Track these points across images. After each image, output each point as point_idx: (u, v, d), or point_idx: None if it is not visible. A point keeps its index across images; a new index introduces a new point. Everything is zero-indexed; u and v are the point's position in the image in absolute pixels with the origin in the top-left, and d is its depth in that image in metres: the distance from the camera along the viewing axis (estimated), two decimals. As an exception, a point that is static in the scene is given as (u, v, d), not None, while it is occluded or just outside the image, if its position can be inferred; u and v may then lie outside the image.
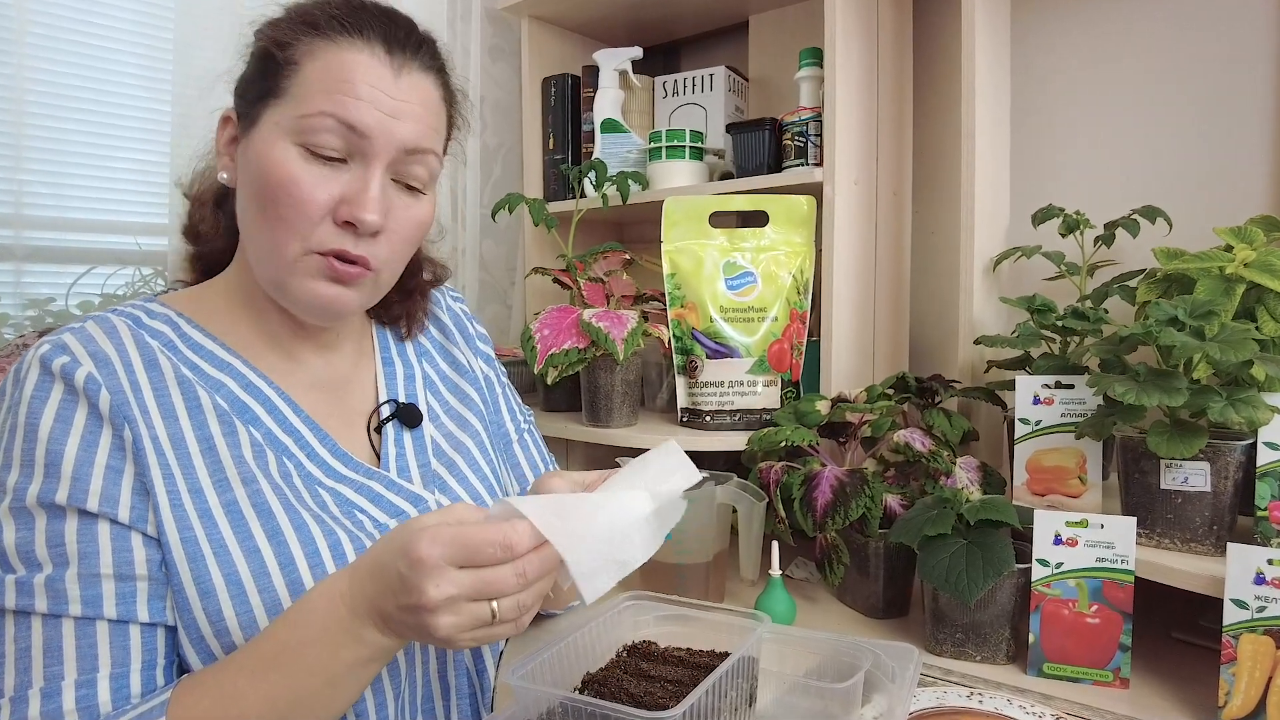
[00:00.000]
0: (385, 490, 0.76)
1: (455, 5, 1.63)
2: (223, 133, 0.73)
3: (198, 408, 0.68)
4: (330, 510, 0.71)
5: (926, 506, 1.01)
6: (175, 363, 0.69)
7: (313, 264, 0.69)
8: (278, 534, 0.66)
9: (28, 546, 0.60)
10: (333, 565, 0.67)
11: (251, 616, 0.64)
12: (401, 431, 0.81)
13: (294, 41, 0.68)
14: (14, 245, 1.16)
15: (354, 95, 0.66)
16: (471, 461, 0.84)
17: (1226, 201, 1.17)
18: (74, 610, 0.60)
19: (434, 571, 0.54)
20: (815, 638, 0.83)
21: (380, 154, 0.68)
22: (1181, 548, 0.89)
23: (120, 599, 0.61)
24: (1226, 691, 0.79)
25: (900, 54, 1.41)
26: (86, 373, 0.63)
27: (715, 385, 1.28)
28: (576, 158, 1.64)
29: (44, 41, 1.18)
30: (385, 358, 0.85)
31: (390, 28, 0.70)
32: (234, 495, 0.66)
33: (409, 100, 0.70)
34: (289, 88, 0.67)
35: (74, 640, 0.60)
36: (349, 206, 0.67)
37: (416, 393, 0.85)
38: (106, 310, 0.71)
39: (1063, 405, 1.02)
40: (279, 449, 0.71)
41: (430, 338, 0.90)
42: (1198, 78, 1.19)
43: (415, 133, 0.70)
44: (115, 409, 0.63)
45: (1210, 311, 0.89)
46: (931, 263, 1.46)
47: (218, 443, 0.67)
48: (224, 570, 0.64)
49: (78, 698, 0.59)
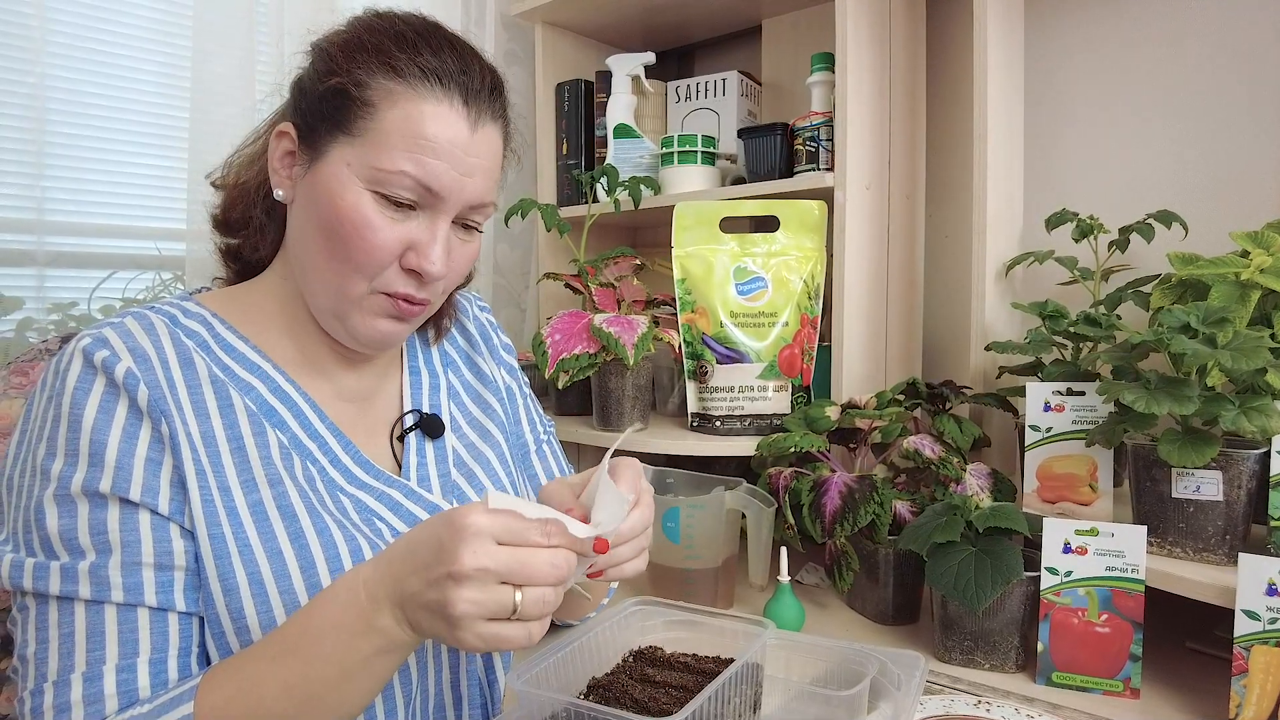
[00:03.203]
0: (404, 499, 0.76)
1: (470, 11, 1.65)
2: (278, 144, 0.72)
3: (229, 408, 0.69)
4: (350, 516, 0.72)
5: (936, 513, 1.00)
6: (209, 362, 0.70)
7: (378, 303, 0.71)
8: (300, 536, 0.67)
9: (71, 534, 0.62)
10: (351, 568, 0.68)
11: (271, 616, 0.65)
12: (424, 441, 0.82)
13: (371, 83, 0.68)
14: (36, 250, 1.18)
15: (433, 155, 0.67)
16: (491, 472, 0.85)
17: (1243, 206, 1.15)
18: (116, 597, 0.61)
19: (475, 539, 0.54)
20: (822, 644, 0.83)
21: (449, 210, 0.70)
22: (1193, 557, 0.88)
23: (160, 588, 0.63)
24: (1237, 704, 0.78)
25: (913, 58, 1.41)
26: (126, 368, 0.64)
27: (725, 390, 1.28)
28: (590, 163, 1.64)
29: (65, 52, 1.20)
30: (413, 367, 0.86)
31: (468, 78, 0.70)
32: (260, 496, 0.67)
33: (481, 157, 0.71)
34: (365, 130, 0.68)
35: (116, 626, 0.61)
36: (416, 256, 0.70)
37: (440, 403, 0.85)
38: (144, 307, 0.72)
39: (1074, 412, 1.01)
40: (304, 454, 0.72)
41: (456, 347, 0.91)
42: (1214, 81, 1.18)
43: (482, 189, 0.72)
44: (153, 404, 0.64)
45: (1223, 318, 0.88)
46: (945, 267, 1.45)
47: (247, 443, 0.69)
48: (247, 569, 0.65)
49: (119, 681, 0.60)
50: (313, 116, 0.70)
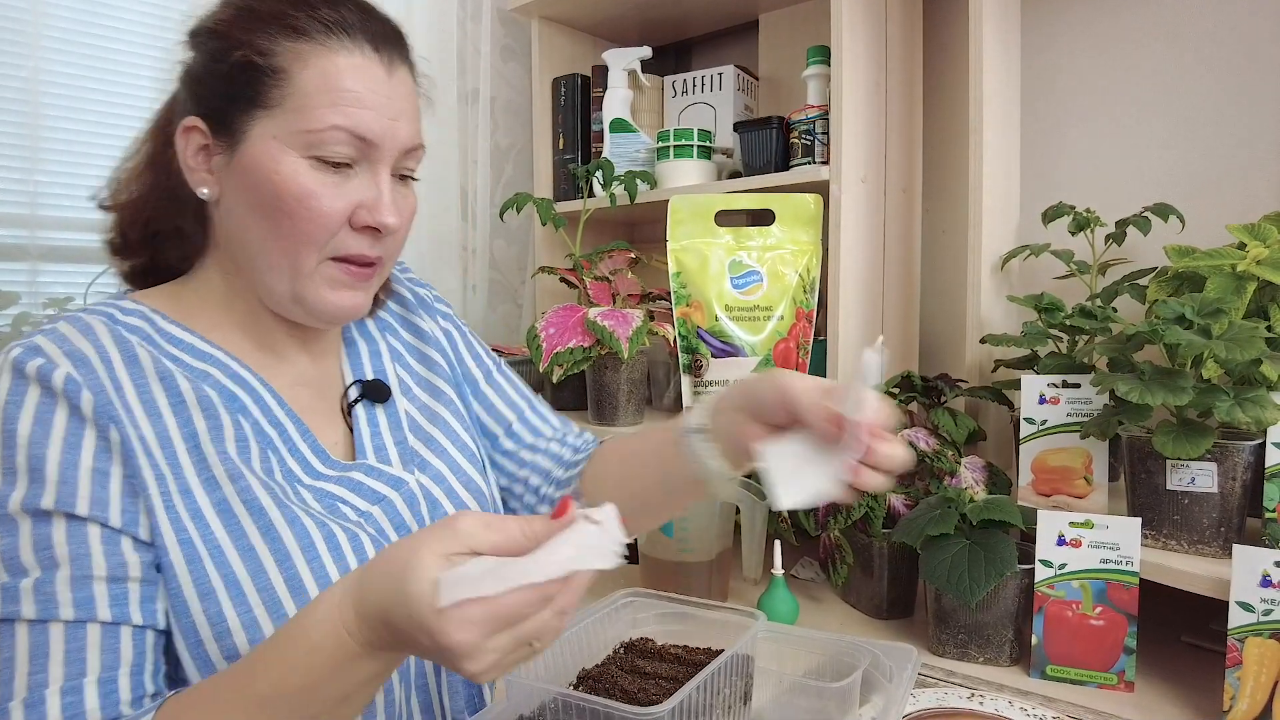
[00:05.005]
0: (365, 477, 0.74)
1: (466, 5, 1.64)
2: (187, 142, 0.69)
3: (181, 402, 0.66)
4: (313, 506, 0.69)
5: (930, 506, 1.00)
6: (155, 355, 0.67)
7: (330, 272, 0.69)
8: (271, 530, 0.65)
9: (11, 553, 0.58)
10: (328, 557, 0.66)
11: (252, 616, 0.63)
12: (374, 410, 0.79)
13: (276, 49, 0.65)
14: (29, 245, 1.18)
15: (359, 105, 0.66)
16: (449, 432, 0.82)
17: (1240, 199, 1.15)
18: (65, 614, 0.58)
19: (473, 651, 0.49)
20: (814, 637, 0.83)
21: (386, 158, 0.69)
22: (1188, 549, 0.88)
23: (114, 600, 0.59)
24: (1231, 696, 0.78)
25: (910, 51, 1.40)
26: (65, 374, 0.61)
27: (721, 384, 1.28)
28: (586, 157, 1.64)
29: (59, 44, 1.20)
30: (348, 339, 0.83)
31: (372, 23, 0.68)
32: (223, 494, 0.65)
33: (402, 98, 0.69)
34: (282, 99, 0.65)
35: (62, 645, 0.57)
36: (368, 213, 0.68)
37: (384, 368, 0.83)
38: (78, 310, 0.69)
39: (1069, 405, 1.01)
40: (264, 441, 0.69)
41: (391, 312, 0.88)
42: (1211, 74, 1.17)
43: (412, 131, 0.70)
44: (99, 409, 0.61)
45: (1218, 309, 0.87)
46: (942, 261, 1.45)
47: (202, 439, 0.65)
48: (221, 570, 0.62)
49: (64, 705, 0.56)
50: (220, 101, 0.67)
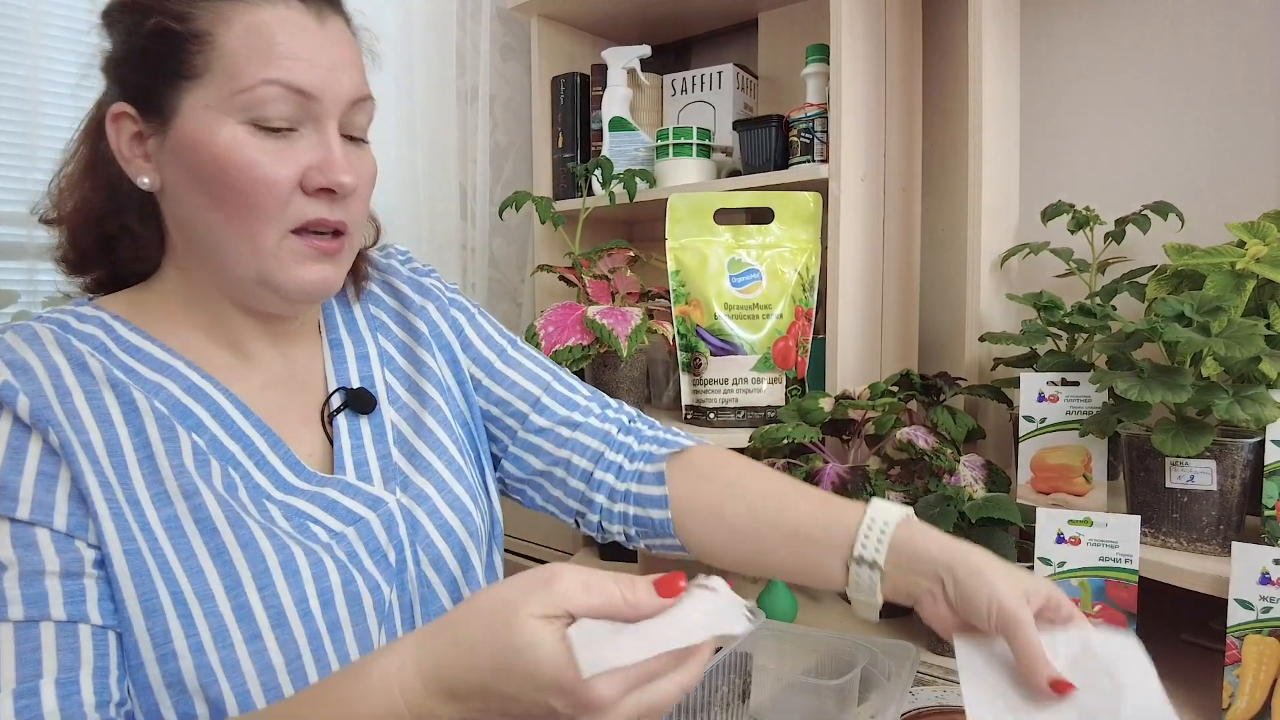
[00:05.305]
0: (340, 495, 0.69)
1: (465, 4, 1.64)
2: (119, 132, 0.64)
3: (134, 412, 0.62)
4: (279, 524, 0.64)
5: (929, 504, 1.00)
6: (107, 364, 0.63)
7: (294, 247, 0.65)
8: (222, 552, 0.60)
9: None
10: (283, 584, 0.62)
11: (199, 640, 0.58)
12: (357, 421, 0.73)
13: (194, 10, 0.61)
14: (27, 244, 1.18)
15: (292, 56, 0.61)
16: (436, 445, 0.76)
17: (1240, 197, 1.15)
18: (14, 614, 0.54)
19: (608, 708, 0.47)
20: (813, 635, 0.83)
21: (330, 112, 0.64)
22: (1188, 547, 0.88)
23: (69, 597, 0.56)
24: (1230, 694, 0.78)
25: (909, 49, 1.40)
26: (3, 380, 0.58)
27: (719, 382, 1.28)
28: (586, 156, 1.64)
29: (57, 43, 1.20)
30: (333, 340, 0.77)
31: None
32: (174, 510, 0.60)
33: (338, 46, 0.65)
34: (209, 65, 0.61)
35: (13, 645, 0.54)
36: (320, 174, 0.64)
37: (372, 372, 0.77)
38: (30, 319, 0.65)
39: (1068, 403, 1.00)
40: (224, 457, 0.65)
41: (385, 307, 0.82)
42: (1211, 72, 1.17)
43: (355, 81, 0.66)
44: (36, 413, 0.58)
45: (1217, 307, 0.87)
46: (942, 259, 1.45)
47: (156, 451, 0.61)
48: (169, 587, 0.58)
49: (17, 710, 0.52)
50: (143, 78, 0.63)
